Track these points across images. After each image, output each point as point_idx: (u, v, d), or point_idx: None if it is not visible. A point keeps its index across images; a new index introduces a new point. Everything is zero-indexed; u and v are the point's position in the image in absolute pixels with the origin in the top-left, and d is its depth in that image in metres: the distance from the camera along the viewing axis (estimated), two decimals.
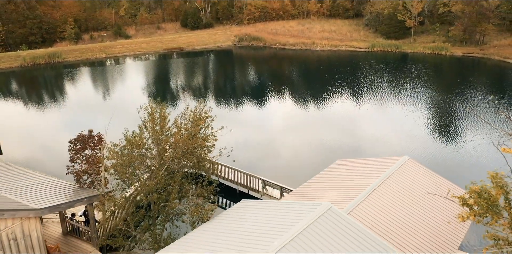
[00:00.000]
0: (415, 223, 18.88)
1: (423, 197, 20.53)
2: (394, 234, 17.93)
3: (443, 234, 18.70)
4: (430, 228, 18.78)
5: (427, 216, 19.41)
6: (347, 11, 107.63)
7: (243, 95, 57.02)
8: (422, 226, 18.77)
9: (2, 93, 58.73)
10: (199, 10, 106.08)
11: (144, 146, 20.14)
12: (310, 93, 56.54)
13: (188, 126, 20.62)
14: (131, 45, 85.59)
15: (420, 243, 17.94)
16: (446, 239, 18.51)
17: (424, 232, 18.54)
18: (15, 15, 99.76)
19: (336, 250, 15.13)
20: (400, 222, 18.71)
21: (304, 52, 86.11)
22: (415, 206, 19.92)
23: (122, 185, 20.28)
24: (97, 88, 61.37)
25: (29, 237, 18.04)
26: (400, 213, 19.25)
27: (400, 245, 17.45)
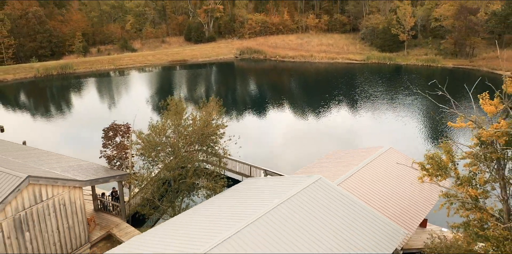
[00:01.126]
0: (391, 193, 23.01)
1: (400, 174, 24.69)
2: (374, 201, 22.03)
3: (416, 201, 22.82)
4: (404, 197, 22.90)
5: (402, 188, 23.56)
6: (344, 26, 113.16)
7: (244, 103, 61.43)
8: (397, 195, 22.91)
9: (34, 99, 64.73)
10: (202, 24, 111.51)
11: (166, 132, 24.38)
12: (309, 101, 61.03)
13: (203, 116, 24.92)
14: (138, 58, 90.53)
15: (395, 208, 22.03)
16: (418, 206, 22.61)
17: (399, 200, 22.66)
18: (26, 29, 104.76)
19: (323, 209, 19.21)
20: (379, 192, 22.84)
21: (303, 64, 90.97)
22: (392, 180, 24.08)
23: (147, 166, 24.46)
24: (114, 94, 66.61)
25: (74, 204, 22.11)
26: (380, 185, 23.40)
27: (378, 209, 21.51)
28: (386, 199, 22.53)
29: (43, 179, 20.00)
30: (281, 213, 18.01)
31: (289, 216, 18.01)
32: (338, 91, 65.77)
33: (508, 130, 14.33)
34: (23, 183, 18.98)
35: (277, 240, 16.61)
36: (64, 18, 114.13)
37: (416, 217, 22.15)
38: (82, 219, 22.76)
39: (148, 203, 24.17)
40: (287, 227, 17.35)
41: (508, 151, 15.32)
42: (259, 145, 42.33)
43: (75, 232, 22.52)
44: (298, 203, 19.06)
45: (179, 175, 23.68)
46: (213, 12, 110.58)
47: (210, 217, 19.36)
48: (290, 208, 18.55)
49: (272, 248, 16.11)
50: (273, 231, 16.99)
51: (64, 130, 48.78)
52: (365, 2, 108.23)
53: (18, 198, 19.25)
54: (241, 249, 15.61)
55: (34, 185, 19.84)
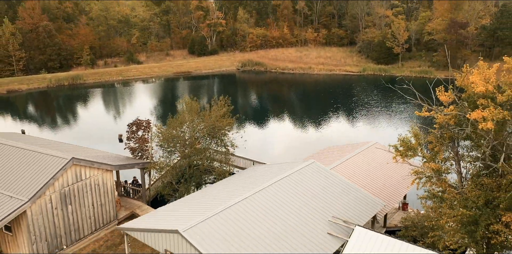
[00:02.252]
0: (375, 177, 27.29)
1: (383, 163, 28.97)
2: (360, 182, 26.26)
3: (396, 183, 27.07)
4: (386, 180, 27.18)
5: (385, 173, 27.84)
6: (341, 40, 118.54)
7: (245, 112, 65.97)
8: (380, 178, 27.18)
9: (50, 106, 70.31)
10: (205, 38, 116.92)
11: (182, 126, 28.77)
12: (308, 109, 65.59)
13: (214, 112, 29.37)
14: (144, 69, 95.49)
15: (378, 188, 26.27)
16: (398, 187, 26.86)
17: (382, 182, 26.92)
18: (36, 42, 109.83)
19: (315, 185, 23.42)
20: (365, 175, 27.11)
21: (302, 75, 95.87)
22: (376, 167, 28.38)
23: (166, 155, 28.78)
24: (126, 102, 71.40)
25: (106, 185, 26.33)
26: (366, 170, 27.69)
27: (363, 187, 25.72)
28: (370, 181, 26.79)
29: (83, 161, 24.30)
30: (280, 187, 22.23)
31: (287, 189, 22.22)
32: (336, 100, 70.37)
33: (456, 113, 18.70)
34: (68, 163, 23.26)
35: (274, 207, 20.79)
36: (73, 32, 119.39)
37: (396, 195, 26.36)
38: (111, 199, 26.94)
39: (167, 186, 28.40)
40: (284, 198, 21.56)
41: (459, 130, 19.59)
42: (262, 150, 46.65)
43: (106, 210, 26.69)
44: (293, 180, 23.29)
45: (194, 162, 27.96)
46: (216, 26, 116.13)
47: (220, 192, 23.55)
48: (287, 183, 22.77)
49: (271, 212, 20.31)
50: (271, 200, 21.18)
51: (80, 133, 52.93)
52: (362, 17, 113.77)
53: (64, 175, 23.51)
54: (245, 212, 19.79)
55: (76, 166, 24.11)
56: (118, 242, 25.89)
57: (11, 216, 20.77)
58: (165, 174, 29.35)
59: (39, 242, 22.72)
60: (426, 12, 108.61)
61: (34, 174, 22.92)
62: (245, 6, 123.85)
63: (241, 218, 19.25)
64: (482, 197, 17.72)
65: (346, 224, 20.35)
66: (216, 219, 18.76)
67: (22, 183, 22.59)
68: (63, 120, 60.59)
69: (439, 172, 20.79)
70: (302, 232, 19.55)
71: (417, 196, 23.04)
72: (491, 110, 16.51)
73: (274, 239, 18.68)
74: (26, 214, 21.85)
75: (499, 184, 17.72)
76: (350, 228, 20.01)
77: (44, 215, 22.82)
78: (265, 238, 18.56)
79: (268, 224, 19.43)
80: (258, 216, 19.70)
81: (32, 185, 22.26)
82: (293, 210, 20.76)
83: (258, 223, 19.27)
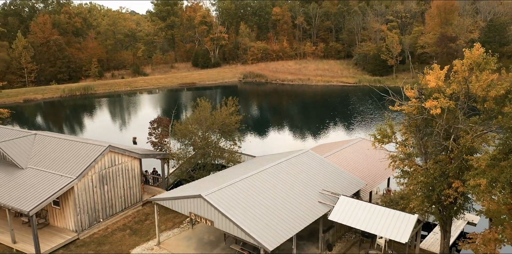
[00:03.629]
0: (362, 164, 32.54)
1: (368, 154, 34.24)
2: (347, 168, 31.49)
3: (379, 170, 32.30)
4: (370, 167, 32.42)
5: (370, 162, 33.10)
6: (339, 53, 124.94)
7: (246, 120, 71.49)
8: (366, 166, 32.43)
9: (64, 114, 75.41)
10: (209, 51, 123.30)
11: (196, 123, 34.15)
12: (306, 117, 71.04)
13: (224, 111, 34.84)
14: (151, 80, 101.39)
15: (363, 173, 31.47)
16: (380, 173, 32.08)
17: (367, 168, 32.16)
18: (47, 55, 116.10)
19: (308, 168, 28.63)
20: (352, 163, 32.36)
21: (301, 86, 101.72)
22: (363, 157, 33.66)
23: (183, 147, 34.09)
24: (134, 109, 76.54)
25: (133, 171, 31.55)
26: (353, 159, 32.95)
27: (350, 172, 30.92)
28: (356, 167, 32.02)
29: (117, 148, 29.62)
30: (281, 168, 27.46)
31: (286, 170, 27.44)
32: (333, 108, 75.95)
33: (417, 105, 24.06)
34: (106, 150, 28.57)
35: (276, 182, 26.00)
36: (81, 46, 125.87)
37: (378, 178, 31.57)
38: (137, 183, 32.14)
39: (185, 172, 33.60)
40: (284, 176, 26.77)
41: (420, 118, 24.87)
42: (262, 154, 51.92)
43: (133, 192, 31.86)
44: (292, 163, 28.54)
45: (205, 151, 33.30)
46: (219, 40, 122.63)
47: (230, 173, 28.75)
48: (286, 165, 28.01)
49: (273, 186, 25.51)
50: (273, 177, 26.38)
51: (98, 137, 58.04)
52: (358, 31, 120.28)
53: (102, 160, 28.78)
54: (253, 184, 24.98)
55: (112, 153, 29.41)
56: (143, 219, 30.98)
57: (63, 189, 25.98)
58: (182, 164, 34.57)
59: (82, 214, 27.87)
60: (419, 26, 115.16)
61: (79, 159, 28.20)
62: (247, 21, 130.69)
63: (249, 189, 24.45)
64: (438, 170, 22.94)
65: (333, 194, 25.55)
66: (229, 188, 23.95)
67: (69, 165, 27.86)
68: (79, 125, 66.02)
69: (409, 154, 26.05)
70: (298, 200, 24.71)
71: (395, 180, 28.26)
72: (440, 100, 21.91)
73: (276, 204, 23.82)
74: (73, 189, 27.05)
75: (451, 158, 22.97)
76: (336, 198, 25.20)
77: (87, 192, 28.01)
78: (268, 203, 23.72)
79: (270, 193, 24.61)
80: (263, 188, 24.89)
81: (78, 167, 27.52)
82: (291, 185, 25.96)
83: (262, 193, 24.45)
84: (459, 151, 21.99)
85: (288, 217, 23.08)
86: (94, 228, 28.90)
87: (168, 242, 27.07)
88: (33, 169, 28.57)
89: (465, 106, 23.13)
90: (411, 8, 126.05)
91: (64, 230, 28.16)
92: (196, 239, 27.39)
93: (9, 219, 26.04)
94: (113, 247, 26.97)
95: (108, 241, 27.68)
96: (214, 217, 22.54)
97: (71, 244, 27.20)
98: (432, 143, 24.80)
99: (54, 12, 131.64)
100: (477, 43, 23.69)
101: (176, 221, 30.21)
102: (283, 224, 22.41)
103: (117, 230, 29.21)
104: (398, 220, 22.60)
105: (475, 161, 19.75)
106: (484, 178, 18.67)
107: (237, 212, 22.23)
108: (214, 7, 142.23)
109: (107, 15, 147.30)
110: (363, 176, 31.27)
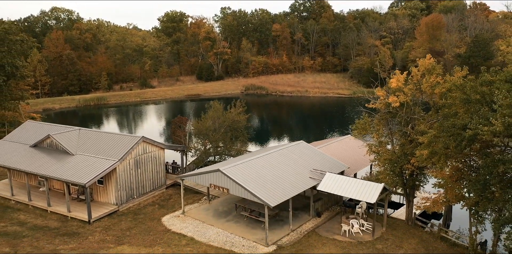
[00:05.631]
0: (347, 154, 40.08)
1: (353, 146, 41.76)
2: (335, 155, 38.99)
3: (361, 158, 39.79)
4: (354, 156, 39.93)
5: (354, 152, 40.62)
6: (335, 67, 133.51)
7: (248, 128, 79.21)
8: (350, 155, 39.96)
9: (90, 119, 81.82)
10: (212, 65, 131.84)
11: (210, 121, 41.80)
12: (305, 125, 78.74)
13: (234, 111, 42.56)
14: (159, 92, 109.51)
15: (349, 160, 38.95)
16: (362, 161, 39.57)
17: (351, 156, 39.67)
18: (59, 69, 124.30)
19: (301, 155, 36.10)
20: (339, 152, 39.88)
21: (299, 98, 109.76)
22: (348, 149, 41.21)
23: (199, 141, 41.67)
24: (144, 117, 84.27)
25: (160, 159, 38.99)
26: (340, 150, 40.49)
27: (338, 159, 38.40)
28: (343, 156, 39.52)
29: (148, 139, 37.18)
30: (281, 153, 34.96)
31: (285, 155, 34.93)
32: (329, 118, 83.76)
33: (385, 102, 31.69)
34: (140, 140, 36.12)
35: (277, 163, 33.46)
36: (91, 60, 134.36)
37: (360, 164, 39.05)
38: (162, 169, 39.56)
39: (201, 161, 41.10)
40: (284, 159, 34.24)
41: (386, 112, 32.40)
42: None
43: (159, 176, 39.26)
44: (289, 150, 36.05)
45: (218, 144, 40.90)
46: (222, 54, 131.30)
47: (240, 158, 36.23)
48: (285, 152, 35.52)
49: (275, 165, 32.97)
50: (275, 159, 33.84)
51: None
52: (353, 47, 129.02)
53: (137, 148, 36.27)
54: (259, 163, 32.44)
55: (144, 143, 36.93)
56: (168, 198, 38.30)
57: (110, 168, 33.43)
58: (200, 154, 42.18)
59: (121, 190, 35.24)
60: (411, 42, 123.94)
61: (118, 147, 35.71)
62: (248, 37, 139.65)
63: (256, 166, 31.89)
64: (400, 150, 30.47)
65: (321, 172, 33.00)
66: (241, 166, 31.39)
67: (112, 152, 35.35)
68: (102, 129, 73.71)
69: (381, 142, 33.58)
70: (294, 176, 32.12)
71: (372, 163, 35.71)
72: (400, 96, 29.59)
73: (276, 177, 31.21)
74: (116, 170, 34.49)
75: (409, 141, 30.51)
76: (323, 175, 32.63)
77: (125, 173, 35.45)
78: (270, 176, 31.12)
79: (273, 170, 32.04)
80: (267, 166, 32.34)
81: (119, 153, 35.01)
82: (288, 165, 33.42)
83: (266, 169, 31.88)
84: (414, 135, 29.57)
85: (286, 186, 30.51)
86: (129, 203, 36.23)
87: (190, 212, 34.39)
88: (81, 155, 36.07)
89: (419, 101, 30.85)
90: (403, 25, 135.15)
91: (106, 204, 35.50)
92: (212, 210, 34.73)
93: (66, 192, 33.44)
94: (147, 216, 34.26)
95: (142, 212, 34.99)
96: (229, 185, 29.97)
97: (113, 213, 34.50)
98: (398, 132, 32.39)
99: (66, 28, 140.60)
100: (428, 54, 31.73)
101: (195, 199, 37.58)
102: (282, 190, 29.82)
103: (148, 205, 36.55)
104: (369, 187, 30.00)
105: (421, 139, 27.31)
106: (426, 149, 26.23)
107: (247, 181, 29.64)
108: (217, 23, 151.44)
109: (115, 31, 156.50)
110: (347, 163, 38.76)
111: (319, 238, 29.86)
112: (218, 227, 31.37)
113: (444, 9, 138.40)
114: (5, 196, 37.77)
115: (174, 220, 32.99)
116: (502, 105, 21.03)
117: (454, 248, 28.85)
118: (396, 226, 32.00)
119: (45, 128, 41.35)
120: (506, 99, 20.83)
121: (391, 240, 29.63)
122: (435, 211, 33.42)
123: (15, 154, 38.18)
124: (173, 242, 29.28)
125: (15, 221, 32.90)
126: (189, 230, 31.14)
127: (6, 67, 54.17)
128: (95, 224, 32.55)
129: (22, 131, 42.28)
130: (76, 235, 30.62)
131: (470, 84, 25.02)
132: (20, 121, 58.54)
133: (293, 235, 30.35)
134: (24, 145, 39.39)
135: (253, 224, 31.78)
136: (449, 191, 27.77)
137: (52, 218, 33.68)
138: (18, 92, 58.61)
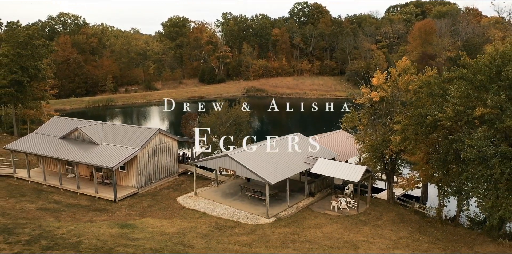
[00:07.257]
0: (339, 144, 45.76)
1: (343, 138, 47.41)
2: (328, 146, 44.65)
3: (352, 148, 45.48)
4: (345, 146, 45.62)
5: (346, 143, 46.29)
6: (333, 70, 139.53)
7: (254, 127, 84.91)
8: (342, 146, 45.65)
9: None
10: (214, 68, 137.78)
11: (217, 116, 47.53)
12: (304, 124, 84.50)
13: (238, 108, 48.33)
14: (164, 94, 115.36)
15: (341, 150, 44.61)
16: (353, 150, 45.26)
17: (343, 146, 45.37)
18: (67, 72, 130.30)
19: (298, 144, 41.78)
20: (331, 143, 45.59)
21: (298, 100, 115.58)
22: (340, 140, 46.93)
23: (208, 135, 47.42)
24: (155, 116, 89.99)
25: (173, 149, 44.66)
26: (332, 141, 46.19)
27: (330, 149, 44.04)
28: (334, 146, 45.22)
29: (164, 131, 42.91)
30: (279, 142, 40.65)
31: (283, 143, 40.62)
32: (326, 118, 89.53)
33: (369, 97, 37.42)
34: (156, 132, 41.82)
35: (270, 152, 39.14)
36: (97, 63, 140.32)
37: (350, 154, 44.73)
38: (175, 159, 45.23)
39: (210, 151, 46.84)
40: (281, 146, 39.92)
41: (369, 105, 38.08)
42: None
43: (172, 165, 44.92)
44: (286, 140, 41.75)
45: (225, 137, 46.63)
46: (223, 58, 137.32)
47: None
48: (283, 141, 41.22)
49: (274, 151, 38.64)
50: (275, 147, 39.53)
51: None
52: (350, 50, 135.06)
53: (154, 138, 41.95)
54: (261, 150, 38.11)
55: (160, 134, 42.62)
56: (180, 183, 43.96)
57: (131, 156, 39.10)
58: (208, 146, 47.99)
59: (141, 175, 40.89)
60: (405, 46, 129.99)
61: (138, 138, 41.37)
62: (249, 41, 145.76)
63: (258, 152, 37.57)
64: (380, 138, 36.18)
65: (314, 157, 38.69)
66: (245, 152, 37.09)
67: (132, 142, 41.02)
68: None
69: (366, 132, 39.30)
70: (290, 160, 37.79)
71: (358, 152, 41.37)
72: (380, 92, 35.36)
73: (276, 161, 36.87)
74: (137, 157, 40.17)
75: (389, 130, 36.22)
76: (315, 160, 38.30)
77: (144, 160, 41.11)
78: (271, 160, 36.77)
79: (273, 155, 37.72)
80: (268, 152, 38.04)
81: (139, 142, 40.68)
82: (286, 152, 39.10)
83: (268, 155, 37.56)
84: (392, 124, 35.32)
85: (284, 168, 36.20)
86: (147, 187, 41.87)
87: (201, 193, 40.04)
88: (106, 144, 41.75)
89: (397, 97, 36.61)
90: (398, 29, 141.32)
91: (128, 187, 41.15)
92: (220, 192, 40.38)
93: (95, 175, 39.10)
94: (163, 197, 39.91)
95: (159, 194, 40.64)
96: (236, 167, 35.65)
97: (134, 195, 40.15)
98: (379, 123, 38.12)
99: (73, 33, 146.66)
100: (404, 56, 37.56)
101: (205, 183, 43.24)
102: (280, 171, 35.51)
103: (163, 189, 42.20)
104: (354, 169, 35.66)
105: (396, 127, 33.01)
106: (399, 135, 31.95)
107: (250, 164, 35.32)
108: (219, 28, 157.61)
109: (119, 36, 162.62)
110: (338, 152, 44.45)
111: (312, 212, 35.53)
112: (226, 204, 37.03)
113: (438, 14, 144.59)
114: (38, 181, 43.43)
115: (187, 200, 38.65)
116: (454, 96, 26.80)
117: (425, 219, 34.51)
118: (378, 204, 37.66)
119: (71, 123, 47.03)
120: (457, 92, 26.60)
121: (372, 214, 35.29)
122: (416, 195, 39.21)
123: (47, 144, 43.87)
124: (189, 215, 34.93)
125: (51, 200, 38.55)
126: (201, 206, 36.79)
127: (29, 69, 59.98)
128: (120, 202, 38.19)
129: (50, 125, 47.98)
130: (105, 210, 36.28)
131: (434, 81, 30.80)
132: (42, 119, 64.30)
133: (289, 210, 36.00)
134: (53, 137, 45.06)
135: (256, 202, 37.42)
136: (421, 171, 33.51)
137: (82, 198, 39.34)
138: (40, 92, 64.33)
